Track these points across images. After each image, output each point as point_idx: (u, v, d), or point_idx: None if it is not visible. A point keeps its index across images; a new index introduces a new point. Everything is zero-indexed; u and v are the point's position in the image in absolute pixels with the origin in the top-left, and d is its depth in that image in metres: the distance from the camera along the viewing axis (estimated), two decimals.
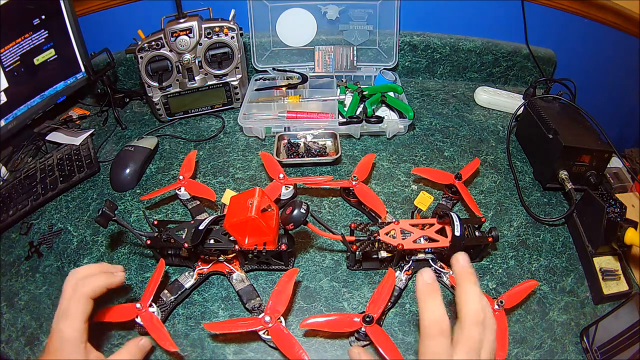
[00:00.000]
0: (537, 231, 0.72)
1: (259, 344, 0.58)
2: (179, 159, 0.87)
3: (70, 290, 0.47)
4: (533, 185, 0.80)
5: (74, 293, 0.47)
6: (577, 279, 0.66)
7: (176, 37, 0.87)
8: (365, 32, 1.01)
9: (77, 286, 0.48)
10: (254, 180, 0.82)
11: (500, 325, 0.55)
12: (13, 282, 0.67)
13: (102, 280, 0.49)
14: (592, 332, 0.57)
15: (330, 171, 0.83)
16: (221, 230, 0.61)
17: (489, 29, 1.04)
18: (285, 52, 1.03)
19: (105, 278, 0.50)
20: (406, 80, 1.09)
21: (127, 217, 0.76)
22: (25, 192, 0.77)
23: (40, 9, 0.82)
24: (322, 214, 0.75)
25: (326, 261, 0.68)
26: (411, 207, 0.72)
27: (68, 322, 0.45)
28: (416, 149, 0.88)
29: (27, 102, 0.85)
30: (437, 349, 0.37)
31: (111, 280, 0.51)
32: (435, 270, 0.63)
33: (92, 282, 0.48)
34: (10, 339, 0.59)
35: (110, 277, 0.51)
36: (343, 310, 0.61)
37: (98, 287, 0.49)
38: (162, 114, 0.95)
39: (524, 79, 1.08)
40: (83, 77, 0.95)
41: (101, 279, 0.50)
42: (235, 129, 0.94)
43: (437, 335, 0.37)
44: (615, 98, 1.15)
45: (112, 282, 0.51)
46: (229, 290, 0.64)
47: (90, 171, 0.83)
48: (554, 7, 0.99)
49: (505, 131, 0.92)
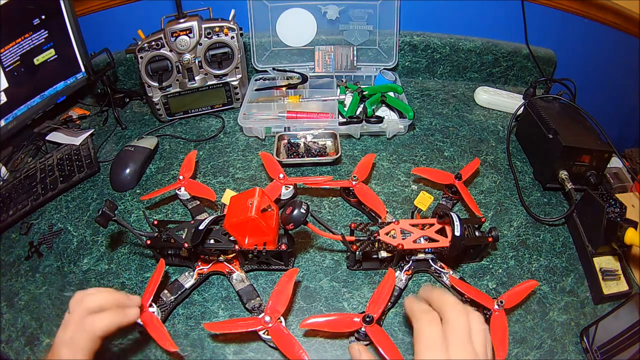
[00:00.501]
0: (537, 231, 0.72)
1: (259, 344, 0.58)
2: (179, 159, 0.87)
3: (78, 319, 0.45)
4: (533, 185, 0.80)
5: (82, 326, 0.44)
6: (577, 279, 0.66)
7: (176, 37, 0.87)
8: (365, 32, 1.01)
9: (86, 321, 0.45)
10: (254, 180, 0.82)
11: (500, 325, 0.55)
12: (13, 282, 0.67)
13: (115, 320, 0.46)
14: (592, 332, 0.57)
15: (330, 171, 0.83)
16: (221, 230, 0.61)
17: (489, 29, 1.04)
18: (285, 52, 1.03)
19: (118, 317, 0.47)
20: (406, 80, 1.09)
21: (127, 217, 0.76)
22: (25, 192, 0.77)
23: (40, 9, 0.82)
24: (322, 214, 0.75)
25: (326, 261, 0.68)
26: (411, 207, 0.72)
27: (71, 353, 0.44)
28: (416, 149, 0.88)
29: (27, 102, 0.85)
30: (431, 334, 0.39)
31: (124, 319, 0.47)
32: (435, 270, 0.63)
33: (104, 321, 0.45)
34: (10, 339, 0.59)
35: (123, 315, 0.47)
36: (343, 310, 0.61)
37: (110, 327, 0.46)
38: (162, 114, 0.95)
39: (524, 79, 1.08)
40: (83, 77, 0.95)
41: (114, 318, 0.46)
42: (235, 129, 0.94)
43: (430, 321, 0.40)
44: (615, 98, 1.15)
45: (124, 321, 0.47)
46: (229, 290, 0.64)
47: (90, 171, 0.83)
48: (554, 7, 0.99)
49: (505, 131, 0.92)
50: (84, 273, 0.67)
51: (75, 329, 0.44)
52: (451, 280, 0.61)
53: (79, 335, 0.44)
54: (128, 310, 0.48)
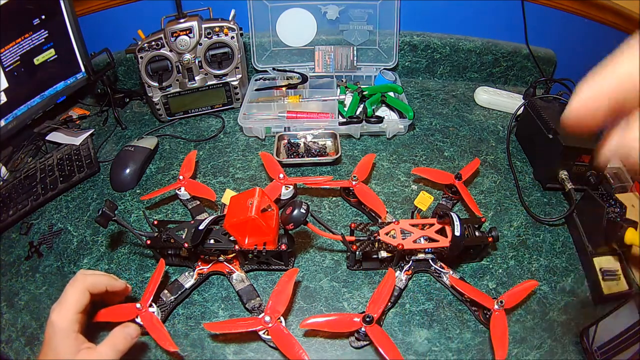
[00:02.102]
0: (537, 231, 0.72)
1: (259, 344, 0.58)
2: (179, 159, 0.87)
3: (70, 283, 0.49)
4: (533, 185, 0.80)
5: (72, 284, 0.49)
6: (577, 279, 0.66)
7: (176, 37, 0.87)
8: (365, 32, 1.01)
9: (77, 279, 0.49)
10: (254, 180, 0.82)
11: (500, 325, 0.55)
12: (13, 282, 0.67)
13: (104, 279, 0.52)
14: (592, 332, 0.57)
15: (330, 171, 0.83)
16: (221, 230, 0.61)
17: (489, 29, 1.04)
18: (285, 52, 1.03)
19: (107, 278, 0.52)
20: (406, 80, 1.09)
21: (127, 217, 0.76)
22: (25, 192, 0.77)
23: (40, 9, 0.82)
24: (322, 214, 0.75)
25: (326, 261, 0.68)
26: (411, 207, 0.72)
27: (61, 311, 0.46)
28: (416, 149, 0.88)
29: (27, 102, 0.85)
30: None
31: (113, 282, 0.53)
32: (435, 270, 0.63)
33: (93, 277, 0.50)
34: (10, 339, 0.59)
35: (113, 280, 0.53)
36: (343, 310, 0.61)
37: (98, 283, 0.50)
38: (162, 114, 0.95)
39: (524, 79, 1.08)
40: (83, 77, 0.95)
41: (103, 277, 0.52)
42: (235, 129, 0.94)
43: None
44: None
45: (113, 284, 0.53)
46: (229, 290, 0.64)
47: (90, 171, 0.83)
48: (554, 7, 0.99)
49: (505, 131, 0.92)
50: None
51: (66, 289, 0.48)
52: (451, 280, 0.61)
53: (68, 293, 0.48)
54: (118, 280, 0.54)
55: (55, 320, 0.45)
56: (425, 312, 0.61)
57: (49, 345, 0.45)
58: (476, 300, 0.57)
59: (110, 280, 0.52)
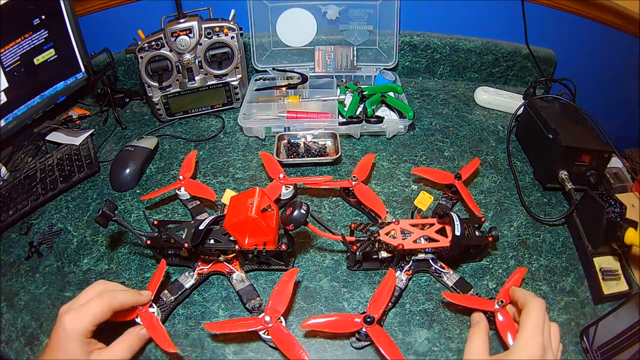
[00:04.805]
0: (537, 231, 0.72)
1: (259, 344, 0.58)
2: (179, 159, 0.87)
3: (94, 294, 0.48)
4: (533, 185, 0.80)
5: (98, 297, 0.47)
6: (577, 279, 0.66)
7: (176, 37, 0.87)
8: (365, 32, 1.01)
9: (104, 293, 0.48)
10: (254, 180, 0.82)
11: (507, 322, 0.54)
12: (13, 282, 0.67)
13: (130, 297, 0.51)
14: (592, 332, 0.57)
15: (330, 171, 0.83)
16: (221, 230, 0.61)
17: (489, 29, 1.04)
18: (285, 52, 1.03)
19: (133, 297, 0.51)
20: (406, 80, 1.09)
21: (127, 217, 0.76)
22: (25, 192, 0.77)
23: (40, 9, 0.82)
24: (322, 214, 0.75)
25: (326, 261, 0.68)
26: (411, 207, 0.72)
27: (78, 318, 0.45)
28: (416, 149, 0.88)
29: (27, 102, 0.85)
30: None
31: (138, 298, 0.52)
32: (436, 270, 0.63)
33: (121, 295, 0.49)
34: (10, 339, 0.59)
35: (137, 296, 0.52)
36: (343, 311, 0.61)
37: (125, 301, 0.50)
38: (162, 114, 0.95)
39: (524, 79, 1.08)
40: (83, 77, 0.95)
41: (130, 295, 0.51)
42: (235, 129, 0.94)
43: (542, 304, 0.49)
44: (615, 98, 1.15)
45: (139, 300, 0.52)
46: (229, 290, 0.64)
47: (90, 171, 0.83)
48: (554, 7, 0.99)
49: (505, 131, 0.92)
50: (84, 273, 0.67)
51: (90, 299, 0.47)
52: (447, 296, 0.57)
53: (92, 304, 0.47)
54: (142, 294, 0.54)
55: (69, 325, 0.45)
56: (425, 312, 0.61)
57: (58, 347, 0.45)
58: (476, 309, 0.57)
59: (135, 298, 0.51)
